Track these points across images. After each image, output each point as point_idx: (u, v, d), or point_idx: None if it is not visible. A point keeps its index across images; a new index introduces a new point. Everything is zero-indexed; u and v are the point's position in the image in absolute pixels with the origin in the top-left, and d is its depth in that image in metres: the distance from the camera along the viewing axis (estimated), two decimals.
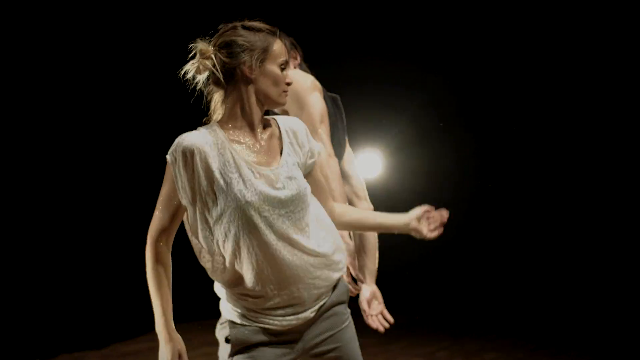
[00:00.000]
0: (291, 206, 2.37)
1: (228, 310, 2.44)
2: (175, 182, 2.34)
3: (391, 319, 3.11)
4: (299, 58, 3.21)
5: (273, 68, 2.41)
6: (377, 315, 3.12)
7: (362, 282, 3.17)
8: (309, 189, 2.45)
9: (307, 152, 2.49)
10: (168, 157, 2.35)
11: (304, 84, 2.99)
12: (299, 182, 2.41)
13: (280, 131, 2.48)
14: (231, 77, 2.40)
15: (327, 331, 2.49)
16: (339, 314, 2.53)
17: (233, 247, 2.34)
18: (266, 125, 2.48)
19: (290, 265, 2.36)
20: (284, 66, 2.44)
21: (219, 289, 2.47)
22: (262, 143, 2.43)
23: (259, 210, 2.33)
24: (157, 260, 2.38)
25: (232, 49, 2.38)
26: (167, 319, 2.37)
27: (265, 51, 2.40)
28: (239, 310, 2.41)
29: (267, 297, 2.37)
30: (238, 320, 2.42)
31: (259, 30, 2.41)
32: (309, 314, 2.44)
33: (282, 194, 2.36)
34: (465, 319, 7.33)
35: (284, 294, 2.38)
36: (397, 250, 7.92)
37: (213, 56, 2.38)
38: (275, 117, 2.52)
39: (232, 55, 2.38)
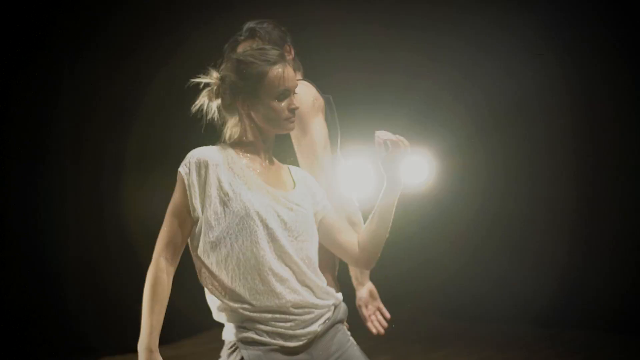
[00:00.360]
0: (294, 231, 2.44)
1: (234, 333, 2.45)
2: (187, 194, 2.41)
3: (388, 315, 3.11)
4: (292, 52, 3.15)
5: (268, 101, 2.46)
6: (375, 313, 3.11)
7: (359, 283, 3.15)
8: (315, 228, 2.52)
9: (315, 200, 2.56)
10: (181, 169, 2.42)
11: (307, 106, 2.95)
12: (306, 213, 2.48)
13: (290, 172, 2.58)
14: (234, 109, 2.50)
15: (336, 352, 2.51)
16: (343, 332, 2.57)
17: (236, 260, 2.39)
18: (276, 161, 2.59)
19: (285, 288, 2.41)
20: (283, 95, 2.47)
21: (219, 314, 2.49)
22: (271, 168, 2.53)
23: (266, 222, 2.40)
24: (157, 275, 2.39)
25: (228, 85, 2.47)
26: (152, 339, 2.37)
27: (258, 86, 2.45)
28: (247, 329, 2.42)
29: (266, 317, 2.41)
30: (249, 340, 2.41)
31: (252, 62, 2.46)
32: (316, 327, 2.47)
33: (287, 215, 2.44)
34: (511, 328, 7.29)
35: (283, 315, 2.42)
36: (440, 257, 7.93)
37: (215, 88, 2.49)
38: (289, 166, 2.62)
39: (228, 92, 2.48)
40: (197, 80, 2.51)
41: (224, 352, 2.48)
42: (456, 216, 7.79)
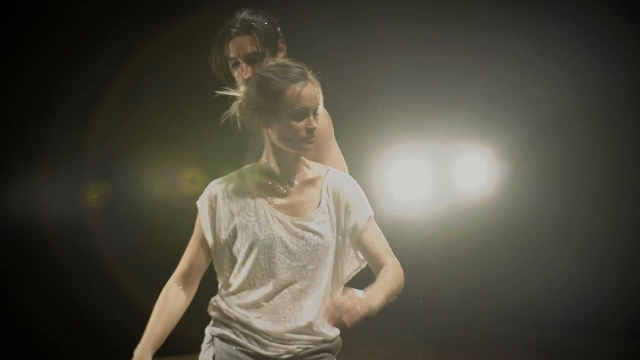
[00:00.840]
0: (303, 260, 2.50)
1: (213, 328, 2.59)
2: (202, 225, 2.56)
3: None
4: (285, 49, 3.07)
5: (285, 119, 2.48)
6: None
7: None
8: (330, 251, 2.54)
9: (343, 214, 2.56)
10: (197, 202, 2.59)
11: (325, 127, 2.87)
12: (318, 239, 2.51)
13: (323, 183, 2.58)
14: (255, 124, 2.54)
15: None
16: (327, 357, 2.60)
17: (238, 288, 2.53)
18: (311, 172, 2.60)
19: (275, 320, 2.51)
20: (301, 114, 2.48)
21: (210, 307, 2.61)
22: (292, 189, 2.56)
23: (268, 255, 2.49)
24: (165, 296, 2.58)
25: (249, 101, 2.52)
26: (148, 342, 2.54)
27: (276, 103, 2.47)
28: (226, 326, 2.55)
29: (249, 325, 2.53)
30: (225, 337, 2.54)
31: (271, 79, 2.48)
32: (295, 347, 2.52)
33: (297, 244, 2.49)
34: (567, 335, 7.19)
35: (275, 341, 2.51)
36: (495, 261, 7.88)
37: (242, 102, 2.54)
38: (328, 167, 2.63)
39: (249, 107, 2.52)
40: (226, 93, 2.58)
41: (203, 345, 2.63)
42: (515, 219, 7.73)
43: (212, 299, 2.60)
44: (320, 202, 2.55)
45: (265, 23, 2.98)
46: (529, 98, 7.46)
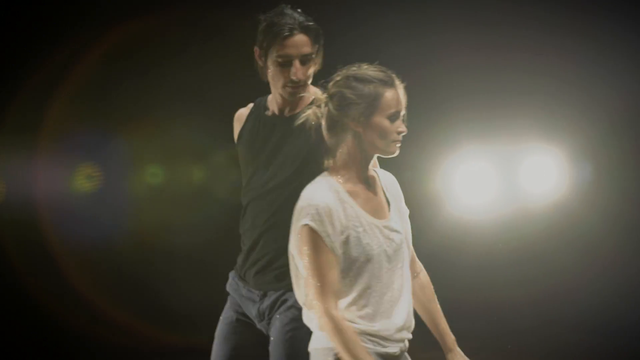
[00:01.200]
0: (394, 261, 2.62)
1: None
2: (326, 243, 2.53)
3: None
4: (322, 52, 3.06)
5: (380, 120, 2.56)
6: None
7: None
8: (405, 247, 2.69)
9: (401, 211, 2.74)
10: (310, 222, 2.53)
11: None
12: (402, 237, 2.66)
13: (382, 186, 2.70)
14: (341, 127, 2.58)
15: None
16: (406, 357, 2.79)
17: (355, 298, 2.57)
18: (371, 175, 2.70)
19: (396, 327, 2.62)
20: (395, 117, 2.57)
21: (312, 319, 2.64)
22: (371, 194, 2.65)
23: (380, 263, 2.57)
24: (338, 327, 2.51)
25: (339, 101, 2.57)
26: None
27: (373, 104, 2.55)
28: (359, 336, 2.57)
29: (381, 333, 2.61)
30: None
31: (369, 81, 2.56)
32: (403, 346, 2.68)
33: (390, 247, 2.61)
34: None
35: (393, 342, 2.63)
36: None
37: (323, 105, 2.59)
38: (374, 169, 2.74)
39: (339, 108, 2.57)
40: (305, 94, 2.73)
41: (322, 350, 2.61)
42: (587, 222, 7.65)
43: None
44: (388, 201, 2.67)
45: (315, 23, 2.96)
46: (601, 98, 7.38)
